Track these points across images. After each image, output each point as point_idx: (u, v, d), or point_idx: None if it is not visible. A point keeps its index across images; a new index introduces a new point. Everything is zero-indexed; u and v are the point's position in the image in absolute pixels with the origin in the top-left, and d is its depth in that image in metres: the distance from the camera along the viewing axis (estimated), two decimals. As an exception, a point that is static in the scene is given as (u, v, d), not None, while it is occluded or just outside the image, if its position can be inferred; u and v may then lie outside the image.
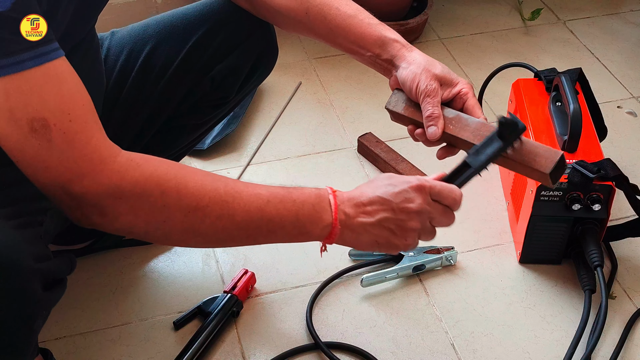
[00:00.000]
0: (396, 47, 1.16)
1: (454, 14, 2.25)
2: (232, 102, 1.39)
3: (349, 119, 1.84)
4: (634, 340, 1.36)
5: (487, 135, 1.07)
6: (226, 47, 1.30)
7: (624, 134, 1.82)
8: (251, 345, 1.33)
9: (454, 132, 1.11)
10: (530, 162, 1.04)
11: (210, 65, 1.30)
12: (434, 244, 1.50)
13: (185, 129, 1.40)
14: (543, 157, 1.04)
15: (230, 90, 1.35)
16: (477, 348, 1.34)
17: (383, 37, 1.16)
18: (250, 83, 1.37)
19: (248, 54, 1.32)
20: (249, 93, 1.43)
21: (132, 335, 1.34)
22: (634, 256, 1.51)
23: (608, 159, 1.37)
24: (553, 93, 1.51)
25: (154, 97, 1.31)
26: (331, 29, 1.18)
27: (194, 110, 1.36)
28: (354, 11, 1.18)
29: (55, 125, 0.83)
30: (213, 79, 1.31)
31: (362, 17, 1.18)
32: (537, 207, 1.38)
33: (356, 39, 1.17)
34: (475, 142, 1.08)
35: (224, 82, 1.32)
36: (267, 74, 1.41)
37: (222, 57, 1.30)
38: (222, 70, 1.30)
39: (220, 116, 1.42)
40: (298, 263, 1.47)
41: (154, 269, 1.46)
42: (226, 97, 1.36)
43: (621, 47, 2.14)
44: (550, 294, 1.43)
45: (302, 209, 0.98)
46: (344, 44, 1.19)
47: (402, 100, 1.17)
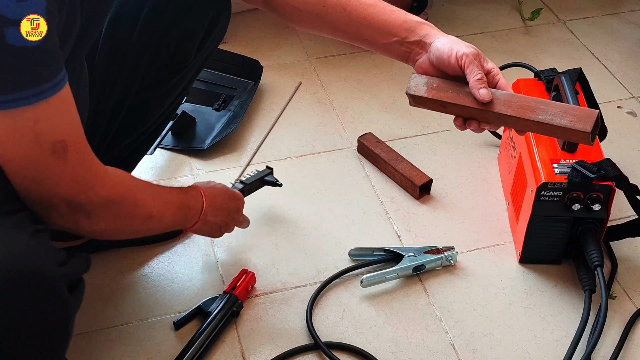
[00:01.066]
0: (426, 27, 1.18)
1: (454, 14, 2.25)
2: (192, 65, 1.38)
3: (349, 119, 1.84)
4: (634, 340, 1.36)
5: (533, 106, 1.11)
6: (177, 12, 1.28)
7: (624, 134, 1.82)
8: (251, 345, 1.33)
9: (500, 110, 1.12)
10: (571, 123, 1.08)
11: (165, 31, 1.29)
12: (435, 244, 1.50)
13: (153, 101, 1.38)
14: (582, 117, 1.08)
15: (188, 54, 1.33)
16: (477, 348, 1.34)
17: (410, 21, 1.18)
18: (207, 45, 1.36)
19: (200, 16, 1.30)
20: (209, 56, 1.41)
21: (132, 335, 1.34)
22: (634, 256, 1.51)
23: (608, 159, 1.37)
24: (553, 93, 1.51)
25: (121, 78, 1.30)
26: (352, 19, 1.19)
27: (157, 80, 1.34)
28: (374, 0, 1.20)
29: (71, 146, 0.92)
30: (168, 45, 1.30)
31: (383, 5, 1.19)
32: (537, 207, 1.38)
33: (380, 26, 1.18)
34: (522, 116, 1.11)
35: (181, 47, 1.31)
36: (222, 35, 1.39)
37: (175, 23, 1.29)
38: (176, 35, 1.29)
39: (185, 82, 1.40)
40: (298, 263, 1.47)
41: (154, 269, 1.46)
42: (185, 60, 1.34)
43: (621, 47, 2.14)
44: (550, 294, 1.43)
45: (189, 212, 1.23)
46: (365, 33, 1.19)
47: (422, 83, 1.16)
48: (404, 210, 1.60)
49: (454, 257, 1.46)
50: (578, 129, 1.07)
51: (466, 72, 1.12)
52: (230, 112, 1.83)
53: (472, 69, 1.12)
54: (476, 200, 1.62)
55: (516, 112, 1.10)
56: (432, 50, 1.16)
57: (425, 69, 1.18)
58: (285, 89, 1.93)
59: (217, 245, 1.51)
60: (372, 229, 1.56)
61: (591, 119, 1.07)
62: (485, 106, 1.12)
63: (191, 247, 1.51)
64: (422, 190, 1.63)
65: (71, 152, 0.92)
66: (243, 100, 1.85)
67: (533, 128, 1.12)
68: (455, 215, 1.60)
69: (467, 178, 1.67)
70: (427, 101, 1.16)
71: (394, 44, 1.18)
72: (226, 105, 1.85)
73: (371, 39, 1.20)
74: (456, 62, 1.13)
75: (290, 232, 1.54)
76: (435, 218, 1.59)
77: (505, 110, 1.11)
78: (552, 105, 1.10)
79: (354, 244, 1.50)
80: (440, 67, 1.16)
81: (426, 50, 1.17)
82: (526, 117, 1.10)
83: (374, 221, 1.57)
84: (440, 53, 1.14)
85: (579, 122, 1.07)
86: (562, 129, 1.09)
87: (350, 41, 1.23)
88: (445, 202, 1.62)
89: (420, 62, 1.18)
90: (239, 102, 1.85)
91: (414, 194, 1.63)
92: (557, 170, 1.37)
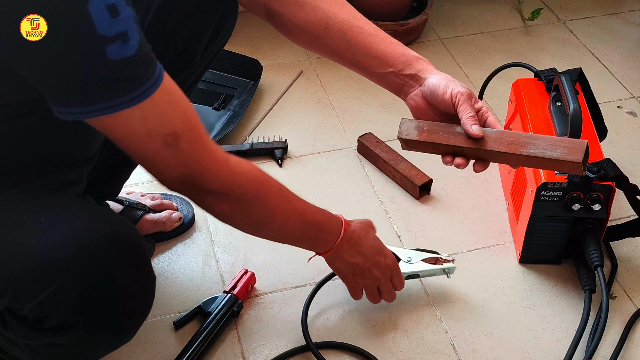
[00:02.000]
0: (422, 63, 1.21)
1: (454, 14, 2.25)
2: (197, 66, 1.38)
3: (349, 119, 1.84)
4: (634, 340, 1.36)
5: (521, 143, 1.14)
6: (185, 12, 1.29)
7: (624, 134, 1.82)
8: (251, 345, 1.33)
9: (492, 147, 1.15)
10: (562, 155, 1.11)
11: (172, 30, 1.29)
12: (436, 245, 1.50)
13: None
14: (572, 149, 1.12)
15: (194, 54, 1.34)
16: (477, 348, 1.34)
17: (407, 54, 1.21)
18: (214, 44, 1.36)
19: (208, 16, 1.31)
20: (215, 55, 1.41)
21: (132, 335, 1.34)
22: (634, 256, 1.51)
23: (608, 159, 1.37)
24: (553, 93, 1.51)
25: None
26: (351, 45, 1.21)
27: None
28: (375, 30, 1.22)
29: (183, 136, 0.94)
30: (176, 45, 1.30)
31: (384, 36, 1.22)
32: (537, 207, 1.38)
33: (378, 55, 1.21)
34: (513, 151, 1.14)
35: (188, 47, 1.31)
36: (228, 36, 1.40)
37: (183, 22, 1.29)
38: (183, 35, 1.30)
39: (188, 83, 1.40)
40: (298, 263, 1.47)
41: (154, 269, 1.46)
42: (191, 60, 1.35)
43: (621, 47, 2.14)
44: (550, 294, 1.43)
45: (321, 234, 1.21)
46: (362, 60, 1.22)
47: (412, 127, 1.20)
48: (404, 210, 1.60)
49: (451, 271, 1.39)
50: (570, 160, 1.11)
51: (459, 109, 1.16)
52: (230, 111, 1.83)
53: (465, 107, 1.16)
54: (476, 200, 1.62)
55: (507, 148, 1.14)
56: (426, 84, 1.19)
57: (417, 102, 1.21)
58: (285, 89, 1.93)
59: (217, 245, 1.51)
60: (372, 229, 1.55)
61: (581, 149, 1.11)
62: (477, 144, 1.15)
63: (191, 247, 1.51)
64: (422, 190, 1.63)
65: (183, 141, 0.94)
66: (243, 100, 1.85)
67: (525, 162, 1.15)
68: (455, 215, 1.60)
69: (467, 178, 1.67)
70: (419, 144, 1.19)
71: (389, 74, 1.22)
72: (226, 105, 1.85)
73: (367, 66, 1.23)
74: (450, 99, 1.17)
75: (290, 232, 1.54)
76: (435, 218, 1.59)
77: (497, 147, 1.14)
78: (542, 139, 1.13)
79: (354, 244, 1.49)
80: (432, 102, 1.20)
81: (420, 84, 1.20)
82: (517, 152, 1.13)
83: (374, 221, 1.57)
84: (435, 88, 1.18)
85: (570, 153, 1.11)
86: (554, 161, 1.12)
87: (346, 65, 1.26)
88: (445, 202, 1.62)
89: (413, 95, 1.21)
90: (239, 101, 1.85)
91: (414, 194, 1.63)
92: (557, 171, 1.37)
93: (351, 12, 1.23)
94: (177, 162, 0.96)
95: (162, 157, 0.95)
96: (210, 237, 1.53)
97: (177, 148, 0.95)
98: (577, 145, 1.12)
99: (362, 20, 1.23)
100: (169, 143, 0.94)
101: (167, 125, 0.93)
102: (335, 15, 1.21)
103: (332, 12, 1.21)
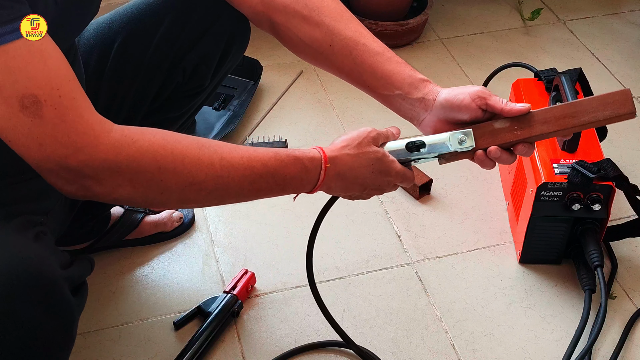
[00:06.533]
0: (429, 85, 1.14)
1: (454, 14, 2.25)
2: (208, 88, 1.36)
3: (349, 119, 1.84)
4: (634, 340, 1.36)
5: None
6: (194, 35, 1.26)
7: (624, 134, 1.82)
8: (251, 345, 1.33)
9: (544, 130, 1.11)
10: (615, 112, 1.09)
11: (181, 55, 1.27)
12: (436, 245, 1.50)
13: (165, 123, 1.35)
14: (620, 102, 1.09)
15: (204, 78, 1.32)
16: (477, 348, 1.34)
17: (413, 76, 1.14)
18: (224, 67, 1.34)
19: (218, 39, 1.28)
20: (224, 77, 1.39)
21: (132, 335, 1.34)
22: (634, 256, 1.51)
23: (608, 159, 1.37)
24: (553, 93, 1.51)
25: (129, 97, 1.27)
26: (357, 64, 1.16)
27: (170, 103, 1.33)
28: (382, 49, 1.16)
29: (46, 101, 0.83)
30: (184, 70, 1.27)
31: (390, 55, 1.16)
32: (537, 207, 1.38)
33: (384, 76, 1.15)
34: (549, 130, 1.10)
35: (197, 72, 1.29)
36: (240, 55, 1.37)
37: (191, 46, 1.26)
38: (192, 59, 1.27)
39: (199, 104, 1.39)
40: (298, 263, 1.47)
41: (154, 269, 1.46)
42: (201, 85, 1.32)
43: (621, 47, 2.14)
44: (550, 294, 1.43)
45: (290, 184, 1.07)
46: (368, 81, 1.16)
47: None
48: (404, 210, 1.60)
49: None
50: (624, 113, 1.08)
51: (491, 102, 1.10)
52: (230, 111, 1.83)
53: (495, 98, 1.10)
54: (476, 200, 1.62)
55: (559, 126, 1.10)
56: (437, 105, 1.13)
57: (433, 126, 1.15)
58: (285, 89, 1.93)
59: (217, 245, 1.51)
60: (372, 229, 1.56)
61: (628, 99, 1.08)
62: (526, 132, 1.10)
63: (191, 247, 1.51)
64: (422, 190, 1.63)
65: (47, 107, 0.83)
66: (243, 100, 1.85)
67: (579, 130, 1.12)
68: (455, 215, 1.60)
69: (467, 178, 1.67)
70: (459, 154, 1.14)
71: (396, 97, 1.16)
72: (226, 105, 1.85)
73: (373, 87, 1.17)
74: (470, 101, 1.10)
75: (290, 232, 1.54)
76: (435, 218, 1.59)
77: (547, 129, 1.10)
78: (585, 104, 1.09)
79: (354, 244, 1.50)
80: (450, 114, 1.13)
81: (428, 109, 1.14)
82: (571, 126, 1.10)
83: (374, 221, 1.57)
84: (449, 101, 1.11)
85: (621, 107, 1.08)
86: (607, 120, 1.09)
87: (353, 84, 1.20)
88: (445, 202, 1.62)
89: (427, 121, 1.16)
90: (239, 101, 1.85)
91: (414, 194, 1.63)
92: (557, 170, 1.37)
93: (357, 28, 1.16)
94: (41, 133, 0.84)
95: (22, 125, 0.84)
96: (210, 237, 1.53)
97: (39, 116, 0.83)
98: (622, 97, 1.08)
99: (369, 38, 1.16)
100: (27, 107, 0.82)
101: (26, 85, 0.82)
102: (340, 32, 1.15)
103: (337, 28, 1.15)
